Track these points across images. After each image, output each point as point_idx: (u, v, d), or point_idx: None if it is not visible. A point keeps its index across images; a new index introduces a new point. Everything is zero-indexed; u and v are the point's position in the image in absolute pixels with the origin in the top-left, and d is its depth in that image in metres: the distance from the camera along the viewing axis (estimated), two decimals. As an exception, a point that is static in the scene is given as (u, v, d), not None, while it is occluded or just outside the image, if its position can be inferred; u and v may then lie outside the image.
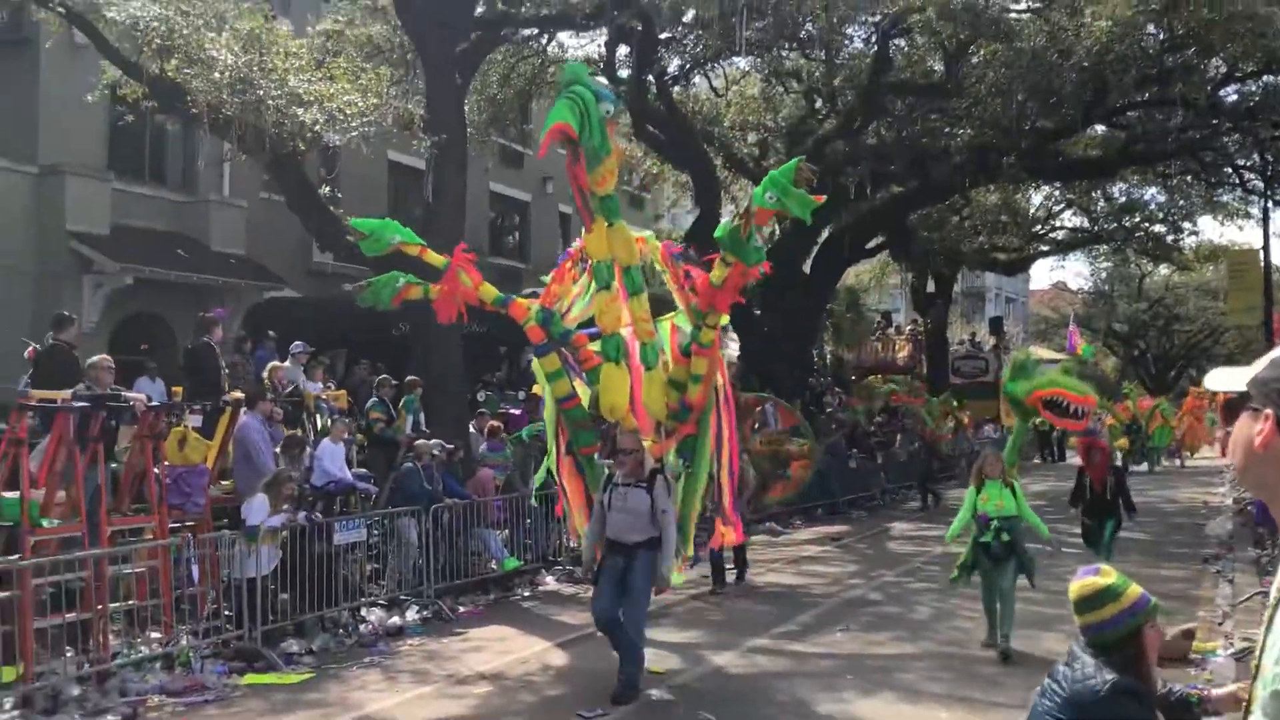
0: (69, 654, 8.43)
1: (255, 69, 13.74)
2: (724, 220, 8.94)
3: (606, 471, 9.08)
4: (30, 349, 11.57)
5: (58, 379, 10.16)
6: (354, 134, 13.89)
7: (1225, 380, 1.94)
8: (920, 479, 23.62)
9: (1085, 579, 3.69)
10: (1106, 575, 3.69)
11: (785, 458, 18.52)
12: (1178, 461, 35.54)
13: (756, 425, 19.45)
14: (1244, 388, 1.87)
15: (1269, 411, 1.81)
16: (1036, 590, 9.87)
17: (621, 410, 8.73)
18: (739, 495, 12.11)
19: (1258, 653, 1.82)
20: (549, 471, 10.79)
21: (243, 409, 11.22)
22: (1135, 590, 3.62)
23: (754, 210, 7.94)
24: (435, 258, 9.30)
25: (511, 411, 17.03)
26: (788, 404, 20.36)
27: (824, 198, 8.19)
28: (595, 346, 9.30)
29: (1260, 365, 1.87)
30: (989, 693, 8.18)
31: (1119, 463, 25.51)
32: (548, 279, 10.36)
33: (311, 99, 13.66)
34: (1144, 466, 31.45)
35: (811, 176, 7.96)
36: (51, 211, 17.95)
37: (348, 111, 13.69)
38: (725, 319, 9.44)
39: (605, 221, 8.39)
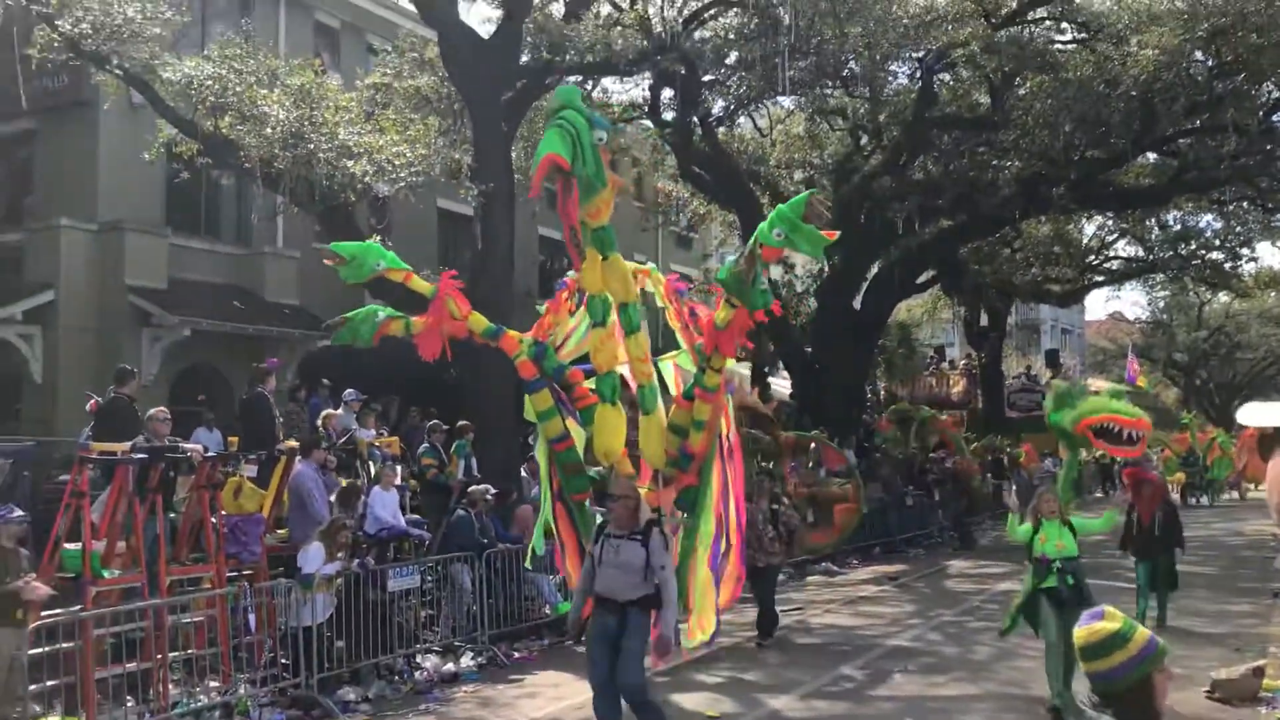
0: (129, 704, 8.52)
1: (306, 123, 14.04)
2: (728, 260, 8.13)
3: (599, 520, 8.30)
4: (92, 402, 11.79)
5: (118, 431, 10.34)
6: (402, 184, 14.12)
7: (1263, 416, 1.90)
8: (953, 517, 22.90)
9: (1090, 624, 3.53)
10: (1112, 619, 3.54)
11: (827, 501, 17.98)
12: (1237, 494, 34.55)
13: (795, 465, 19.17)
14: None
15: None
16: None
17: (616, 454, 8.20)
18: (789, 542, 12.12)
19: None
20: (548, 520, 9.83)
21: (297, 458, 11.36)
22: (1143, 634, 3.47)
23: (759, 249, 7.32)
24: (421, 285, 8.82)
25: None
26: (835, 444, 19.98)
27: (836, 234, 7.50)
28: (591, 384, 8.74)
29: None
30: (1053, 735, 7.99)
31: (1173, 497, 24.99)
32: (542, 309, 9.71)
33: (361, 151, 13.92)
34: (1205, 500, 30.68)
35: (824, 211, 7.32)
36: (111, 267, 18.39)
37: (396, 162, 13.93)
38: (730, 362, 8.82)
39: (599, 255, 7.92)
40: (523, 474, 15.19)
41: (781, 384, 30.31)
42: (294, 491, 11.20)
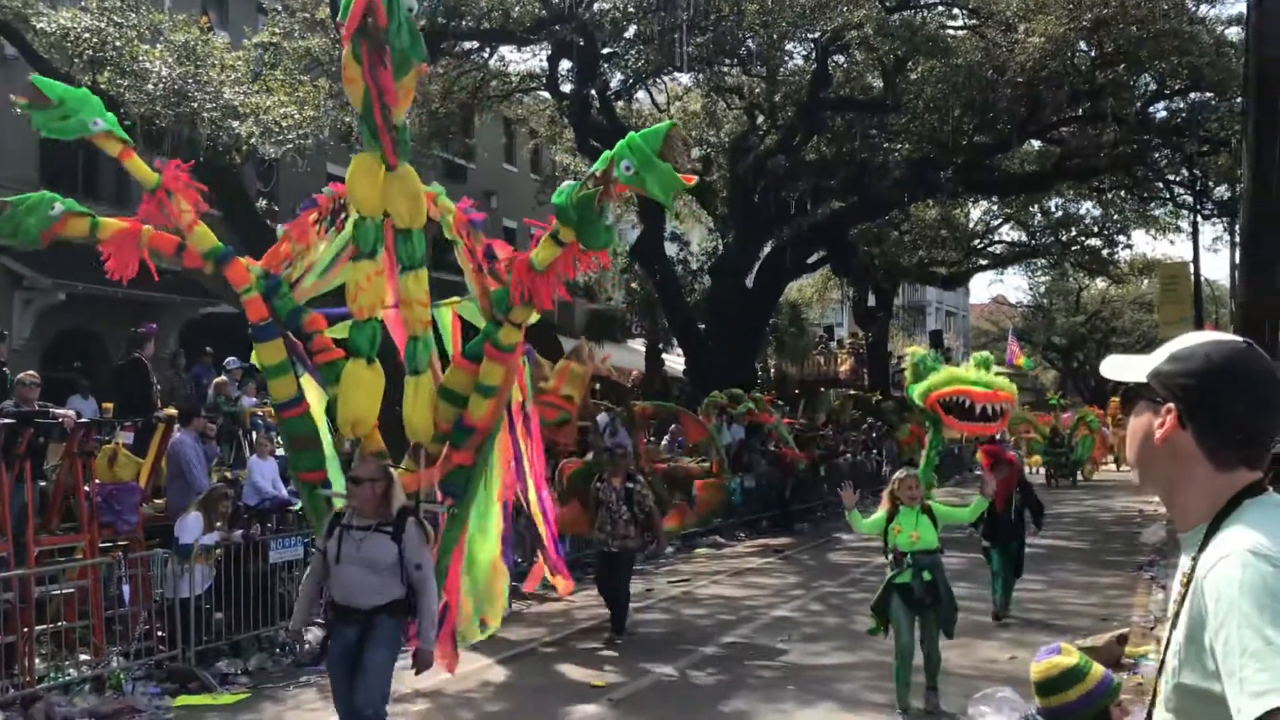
0: (-8, 678, 8.20)
1: (190, 81, 13.60)
2: (566, 184, 6.55)
3: (334, 508, 6.57)
4: (-43, 368, 11.30)
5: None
6: (289, 146, 13.77)
7: (1124, 369, 1.93)
8: (779, 505, 21.19)
9: (1048, 660, 3.52)
10: (1069, 655, 3.52)
11: (684, 477, 15.51)
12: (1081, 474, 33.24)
13: (649, 440, 17.71)
14: (1143, 379, 1.86)
15: (1171, 405, 1.81)
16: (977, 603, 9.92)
17: (367, 426, 6.82)
18: (646, 524, 10.76)
19: (1162, 649, 1.84)
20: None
21: (176, 426, 11.04)
22: (1099, 671, 3.43)
23: (611, 178, 6.01)
24: (142, 169, 6.96)
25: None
26: (692, 415, 17.69)
27: (694, 179, 6.25)
28: (339, 333, 7.17)
29: (1160, 357, 1.86)
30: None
31: (1032, 477, 24.08)
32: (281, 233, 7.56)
33: (247, 111, 13.54)
34: (1072, 479, 30.57)
35: (685, 149, 6.19)
36: (-20, 226, 17.56)
37: (284, 124, 13.58)
38: (535, 317, 7.13)
39: (383, 162, 6.49)
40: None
41: (675, 359, 30.53)
42: (172, 460, 10.89)
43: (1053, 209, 34.25)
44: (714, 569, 15.47)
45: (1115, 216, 32.97)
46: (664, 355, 30.95)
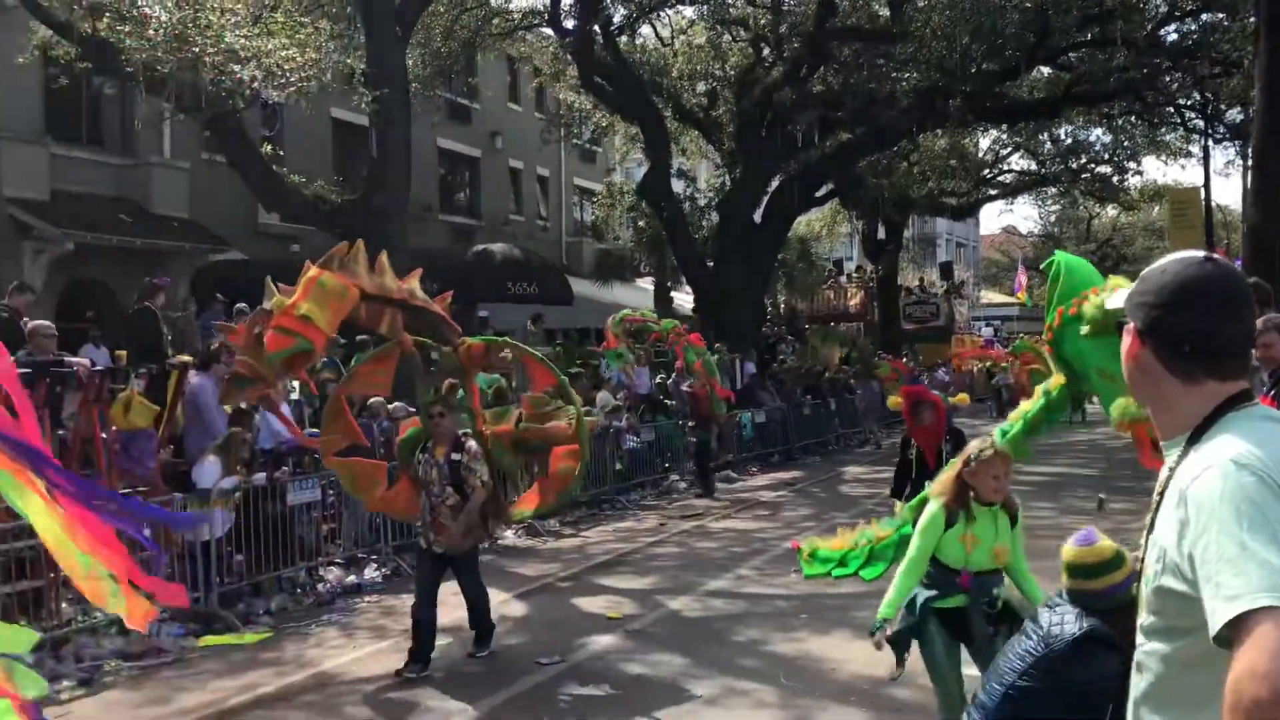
0: (22, 622, 8.36)
1: (190, 25, 13.49)
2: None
3: None
4: (-30, 318, 11.36)
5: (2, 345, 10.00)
6: (293, 90, 13.71)
7: (1117, 298, 2.01)
8: (697, 458, 17.02)
9: (1084, 546, 3.53)
10: (1105, 544, 3.55)
11: (542, 442, 9.16)
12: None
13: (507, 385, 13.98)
14: (1122, 304, 1.94)
15: (1130, 324, 1.89)
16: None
17: None
18: (490, 511, 8.15)
19: (1142, 554, 1.90)
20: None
21: (193, 371, 11.13)
22: (1131, 557, 3.44)
23: None
24: None
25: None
26: (537, 355, 9.96)
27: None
28: None
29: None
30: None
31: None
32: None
33: (249, 55, 13.45)
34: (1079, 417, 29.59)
35: None
36: (-13, 177, 17.59)
37: (286, 67, 13.50)
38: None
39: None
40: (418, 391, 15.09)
41: (684, 298, 30.50)
42: (190, 405, 10.99)
43: (1062, 136, 33.91)
44: (724, 504, 15.62)
45: (1125, 143, 32.65)
46: (673, 294, 30.94)
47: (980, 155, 37.36)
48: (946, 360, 34.38)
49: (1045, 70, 26.77)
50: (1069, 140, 33.99)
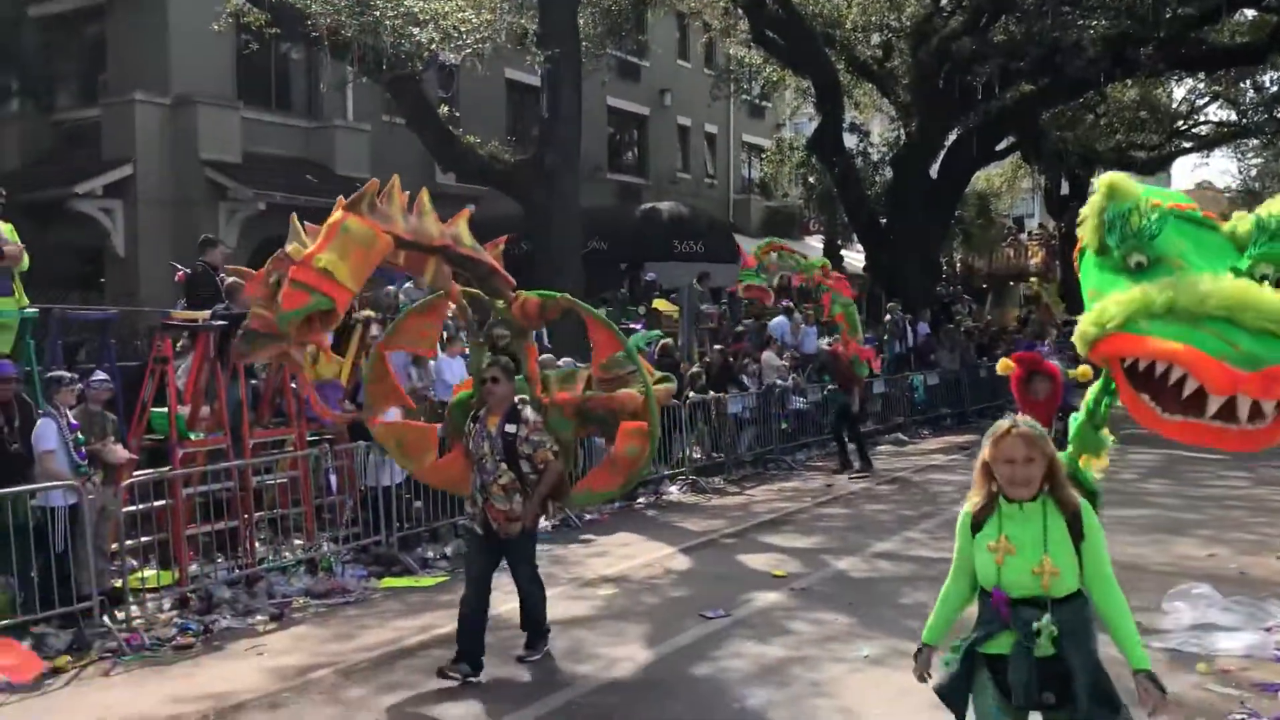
0: (219, 560, 8.92)
1: (372, -10, 13.91)
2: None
3: None
4: (180, 274, 12.06)
5: (203, 301, 10.61)
6: (468, 51, 13.99)
7: None
8: (834, 430, 15.41)
9: None
10: None
11: (607, 414, 7.53)
12: None
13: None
14: None
15: None
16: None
17: None
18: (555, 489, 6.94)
19: None
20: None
21: (376, 326, 11.57)
22: None
23: None
24: None
25: (632, 327, 17.12)
26: (599, 315, 8.13)
27: None
28: None
29: None
30: (1119, 596, 8.02)
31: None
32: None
33: (427, 18, 13.78)
34: None
35: None
36: (186, 141, 18.62)
37: (462, 29, 13.78)
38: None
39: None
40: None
41: (855, 256, 29.98)
42: (376, 355, 11.41)
43: (1267, 84, 31.65)
44: (896, 466, 15.35)
45: (1338, 89, 30.30)
46: (843, 251, 30.42)
47: (1173, 106, 35.28)
48: None
49: (1250, 12, 25.00)
50: (1275, 88, 31.73)
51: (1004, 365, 7.05)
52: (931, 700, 3.70)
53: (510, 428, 6.68)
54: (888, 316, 21.34)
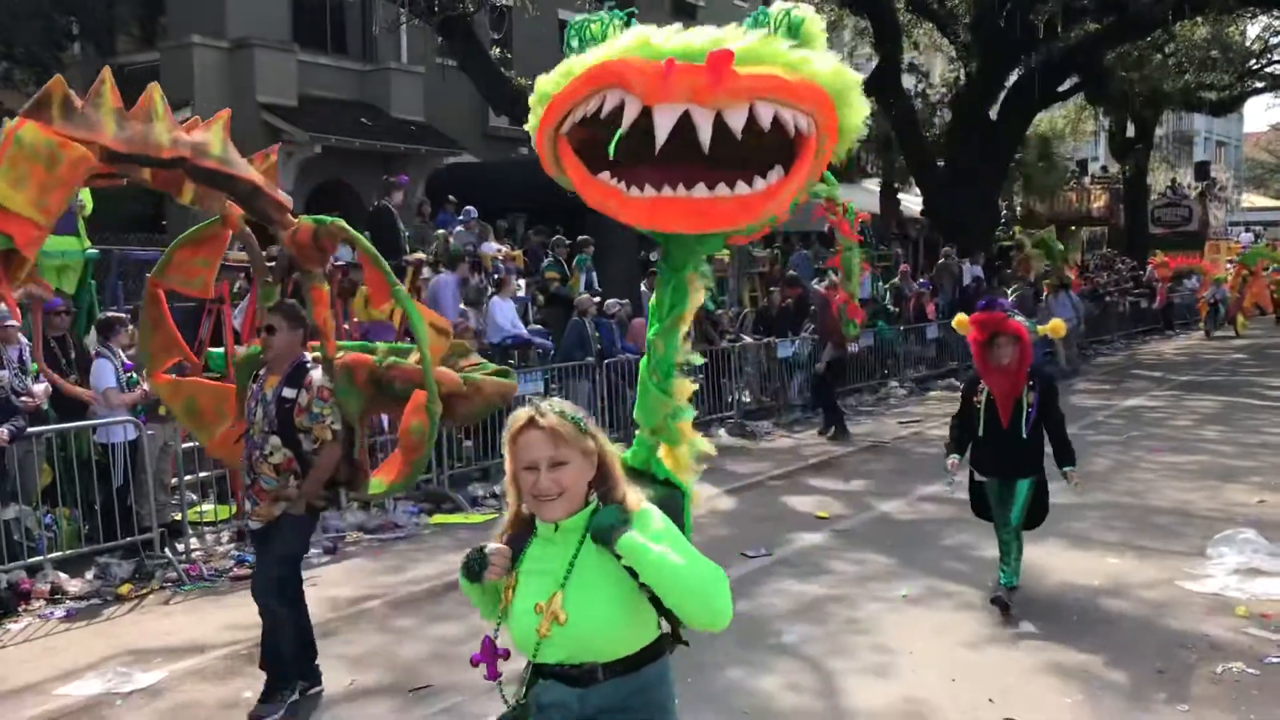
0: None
1: (423, -70, 13.89)
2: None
3: None
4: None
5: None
6: (520, -10, 13.92)
7: None
8: (814, 391, 14.15)
9: None
10: None
11: (408, 384, 5.46)
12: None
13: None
14: None
15: None
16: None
17: None
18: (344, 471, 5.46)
19: None
20: None
21: (433, 269, 11.77)
22: None
23: None
24: None
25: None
26: (372, 251, 5.85)
27: None
28: None
29: None
30: (1165, 542, 8.02)
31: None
32: None
33: (478, -43, 13.74)
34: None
35: None
36: (243, 84, 18.81)
37: (513, -32, 13.71)
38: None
39: None
40: (642, 288, 15.37)
41: (913, 200, 29.59)
42: (430, 299, 11.60)
43: (1345, 20, 30.56)
44: (947, 411, 15.25)
45: None
46: (900, 195, 30.03)
47: (1246, 44, 34.15)
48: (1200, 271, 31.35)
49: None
50: (1352, 25, 30.63)
51: (960, 323, 6.46)
52: (966, 638, 3.77)
53: (289, 392, 5.27)
54: (940, 260, 21.11)
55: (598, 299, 13.05)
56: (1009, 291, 15.05)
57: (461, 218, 14.88)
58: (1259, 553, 7.12)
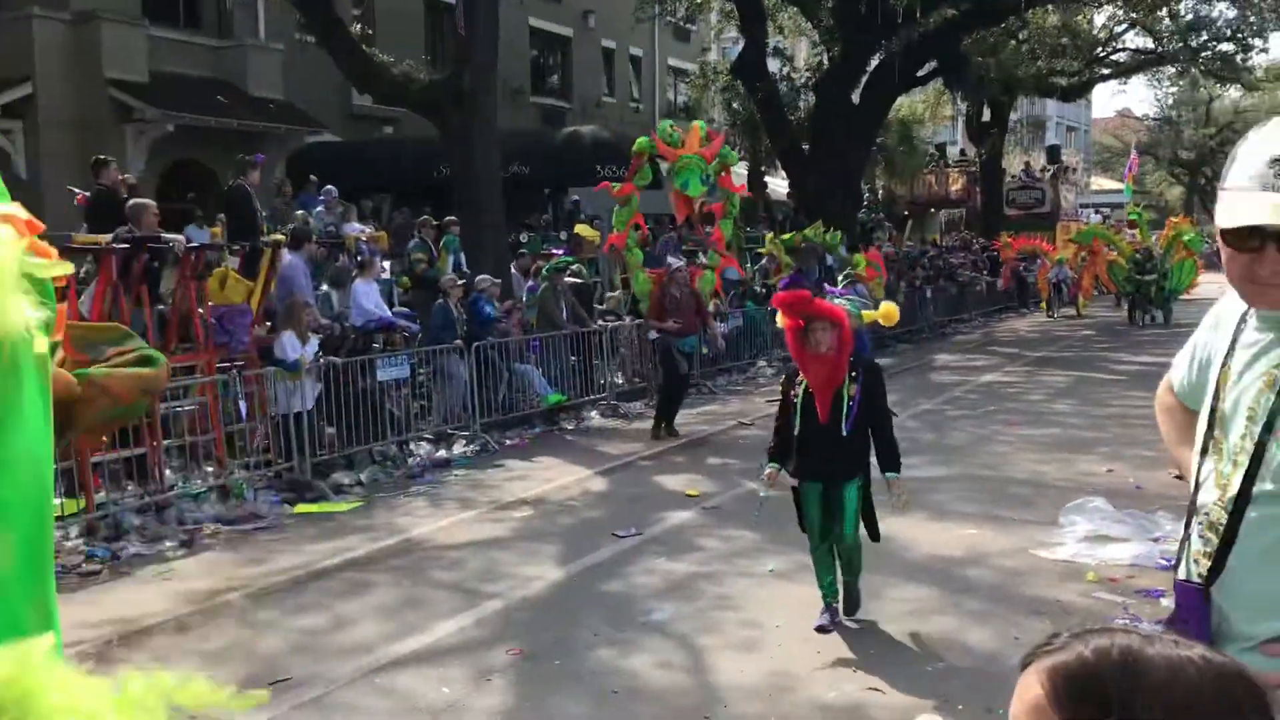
0: (129, 487, 8.80)
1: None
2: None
3: None
4: (80, 196, 11.71)
5: (106, 224, 10.31)
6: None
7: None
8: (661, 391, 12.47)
9: None
10: None
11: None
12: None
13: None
14: None
15: None
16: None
17: None
18: None
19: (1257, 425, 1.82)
20: None
21: (285, 249, 11.39)
22: None
23: None
24: None
25: (554, 252, 17.03)
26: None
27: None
28: None
29: None
30: (1020, 511, 8.29)
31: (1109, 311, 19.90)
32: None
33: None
34: (1158, 317, 24.99)
35: None
36: (89, 59, 17.93)
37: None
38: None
39: None
40: (512, 271, 15.23)
41: (779, 183, 30.00)
42: (283, 283, 11.26)
43: (1182, 12, 32.01)
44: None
45: (1251, 18, 30.69)
46: (766, 178, 30.42)
47: (1093, 32, 35.58)
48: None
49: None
50: (1189, 16, 32.10)
51: (780, 305, 5.65)
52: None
53: None
54: (802, 243, 21.41)
55: (462, 280, 12.84)
56: (840, 279, 14.28)
57: (322, 198, 14.51)
58: (1107, 520, 7.41)
